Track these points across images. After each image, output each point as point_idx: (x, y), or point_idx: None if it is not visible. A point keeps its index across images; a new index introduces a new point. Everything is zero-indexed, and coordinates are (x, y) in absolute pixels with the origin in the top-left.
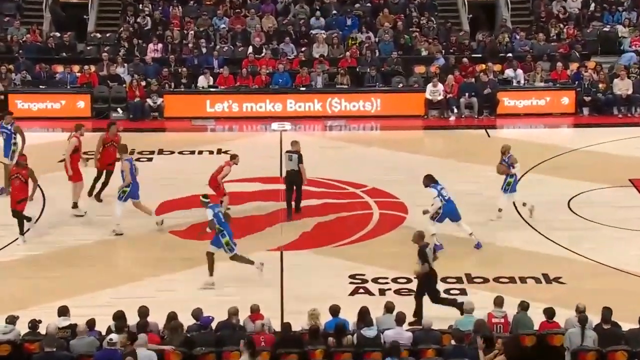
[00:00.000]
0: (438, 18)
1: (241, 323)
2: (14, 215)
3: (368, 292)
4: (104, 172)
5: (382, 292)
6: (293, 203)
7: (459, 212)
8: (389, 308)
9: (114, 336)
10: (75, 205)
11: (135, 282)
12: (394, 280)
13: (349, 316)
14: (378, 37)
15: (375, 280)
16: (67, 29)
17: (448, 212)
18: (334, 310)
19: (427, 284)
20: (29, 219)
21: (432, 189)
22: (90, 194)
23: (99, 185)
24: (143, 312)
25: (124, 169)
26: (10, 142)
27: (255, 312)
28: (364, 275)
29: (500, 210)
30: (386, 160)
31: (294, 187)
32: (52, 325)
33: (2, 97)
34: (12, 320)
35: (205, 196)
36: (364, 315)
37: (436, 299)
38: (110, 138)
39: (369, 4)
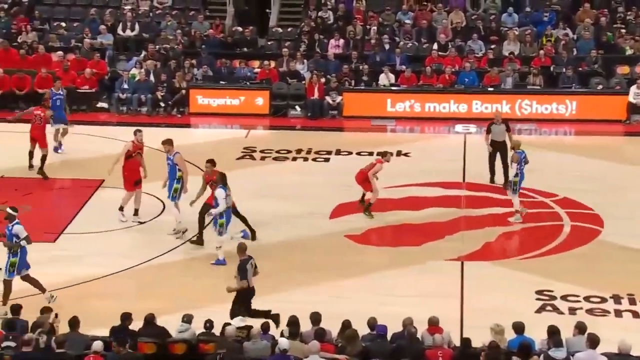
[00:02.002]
0: None
1: (418, 336)
2: None
3: (556, 310)
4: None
5: (572, 310)
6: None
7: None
8: (581, 328)
9: (284, 343)
10: (121, 209)
11: (309, 287)
12: (586, 298)
13: (535, 335)
14: (577, 34)
15: (564, 298)
16: (250, 23)
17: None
18: (519, 328)
19: (244, 300)
20: None
21: (220, 190)
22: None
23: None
24: (316, 318)
25: (178, 162)
26: (63, 106)
27: (434, 324)
28: (552, 291)
29: (517, 212)
30: (580, 168)
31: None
32: (230, 327)
33: (184, 91)
34: (188, 319)
35: (13, 209)
36: (553, 335)
37: (250, 313)
38: (210, 177)
39: None
